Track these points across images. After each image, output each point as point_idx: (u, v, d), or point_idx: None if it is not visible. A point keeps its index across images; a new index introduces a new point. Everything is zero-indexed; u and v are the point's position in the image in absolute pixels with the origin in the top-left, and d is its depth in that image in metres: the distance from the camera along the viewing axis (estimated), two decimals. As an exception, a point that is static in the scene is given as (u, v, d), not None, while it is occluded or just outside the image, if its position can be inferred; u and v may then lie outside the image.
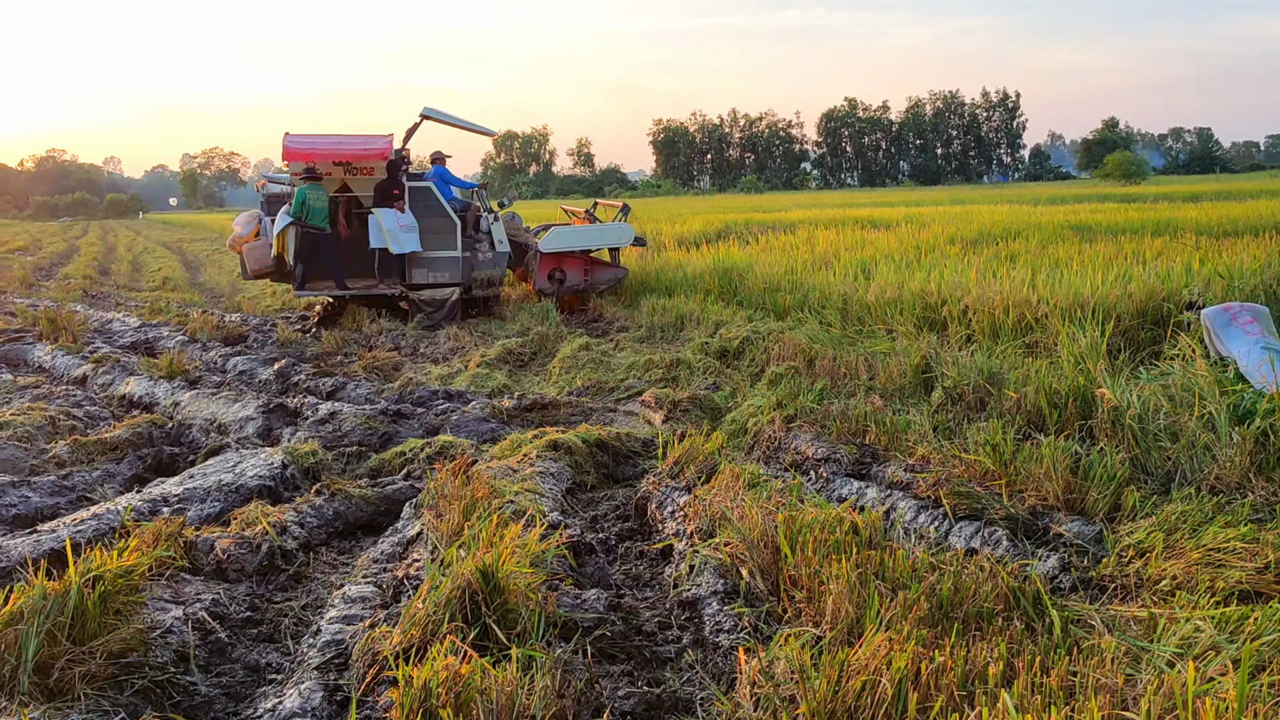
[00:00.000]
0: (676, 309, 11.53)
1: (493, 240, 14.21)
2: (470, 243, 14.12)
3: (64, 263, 30.48)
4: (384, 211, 13.24)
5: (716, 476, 5.24)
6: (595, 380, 9.21)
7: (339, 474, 6.72)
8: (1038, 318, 8.18)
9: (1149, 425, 5.85)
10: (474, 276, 14.07)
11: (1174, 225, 15.71)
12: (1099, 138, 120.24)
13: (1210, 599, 3.78)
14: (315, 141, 13.70)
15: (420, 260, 13.66)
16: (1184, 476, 5.53)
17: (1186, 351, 6.61)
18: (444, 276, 13.90)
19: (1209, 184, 48.42)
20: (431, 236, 13.69)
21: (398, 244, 13.15)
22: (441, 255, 13.81)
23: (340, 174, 14.59)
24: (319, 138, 13.83)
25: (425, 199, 13.75)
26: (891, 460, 6.06)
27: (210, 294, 19.85)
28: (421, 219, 13.58)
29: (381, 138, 13.58)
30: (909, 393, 7.55)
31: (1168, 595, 3.93)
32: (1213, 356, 7.39)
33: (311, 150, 13.50)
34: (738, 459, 6.92)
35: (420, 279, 13.79)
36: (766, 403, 7.21)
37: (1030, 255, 11.60)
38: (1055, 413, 6.42)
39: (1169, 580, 4.03)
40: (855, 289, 10.08)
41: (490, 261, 14.20)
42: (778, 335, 9.29)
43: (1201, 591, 3.86)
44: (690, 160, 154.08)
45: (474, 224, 14.28)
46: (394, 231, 13.15)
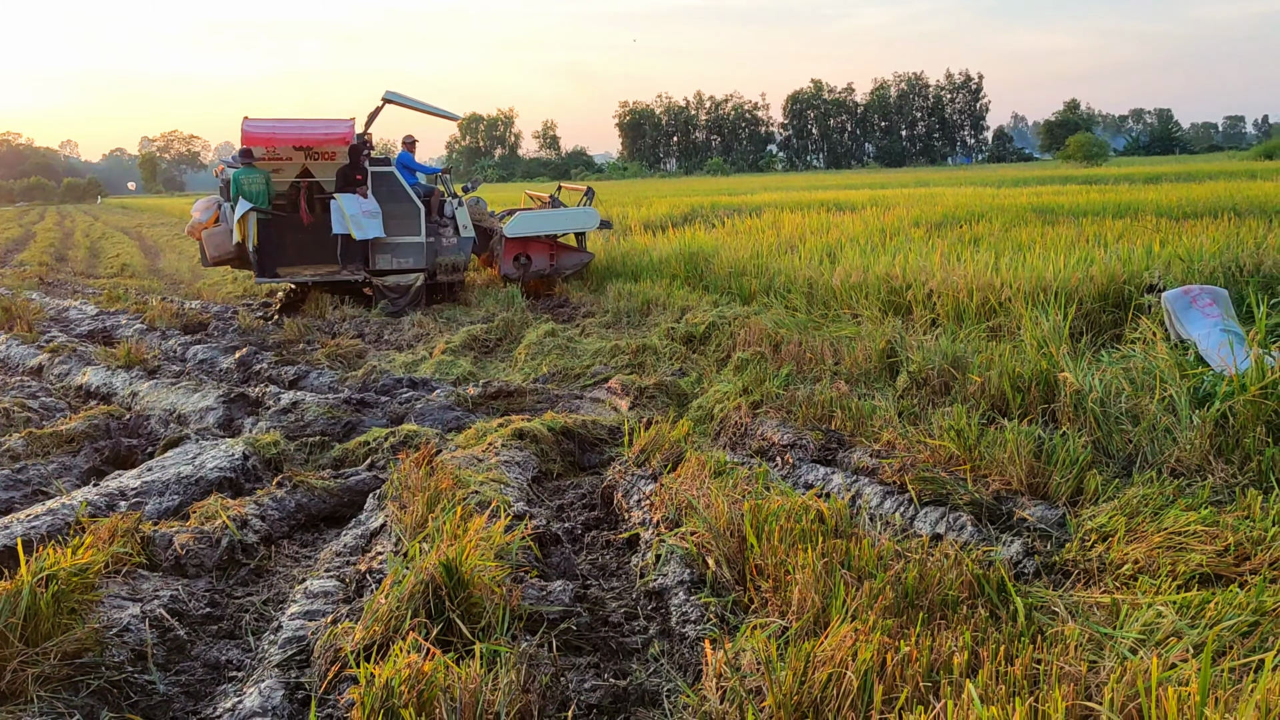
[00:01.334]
0: (643, 294, 11.49)
1: (457, 225, 14.07)
2: (434, 228, 13.97)
3: (19, 249, 29.92)
4: (346, 197, 13.07)
5: (683, 465, 5.22)
6: (561, 366, 9.17)
7: (302, 464, 6.65)
8: (1001, 301, 8.21)
9: (1110, 409, 5.90)
10: (438, 262, 13.94)
11: (1135, 207, 15.86)
12: (1061, 119, 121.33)
13: (1172, 583, 3.81)
14: (275, 126, 13.49)
15: (383, 246, 13.50)
16: (1145, 459, 5.58)
17: (1147, 335, 6.66)
18: (408, 262, 13.76)
19: (1169, 165, 48.99)
20: (395, 222, 13.54)
21: (360, 229, 12.99)
22: (405, 241, 13.67)
23: (301, 159, 14.38)
24: (279, 122, 13.62)
25: (388, 184, 13.59)
26: (857, 446, 6.07)
27: (170, 281, 19.56)
28: (385, 204, 13.43)
29: (343, 122, 13.39)
30: (875, 377, 7.56)
31: (1130, 580, 3.96)
32: (1173, 339, 7.46)
33: (271, 135, 13.30)
34: (704, 446, 6.90)
35: (384, 265, 13.63)
36: (732, 388, 7.20)
37: (994, 238, 11.66)
38: (1019, 397, 6.46)
39: (1131, 564, 4.06)
40: (820, 273, 10.09)
41: (455, 247, 14.06)
42: (744, 320, 9.28)
43: (1163, 575, 3.89)
44: (656, 143, 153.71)
45: (438, 209, 14.12)
46: (356, 217, 12.99)
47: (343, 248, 13.36)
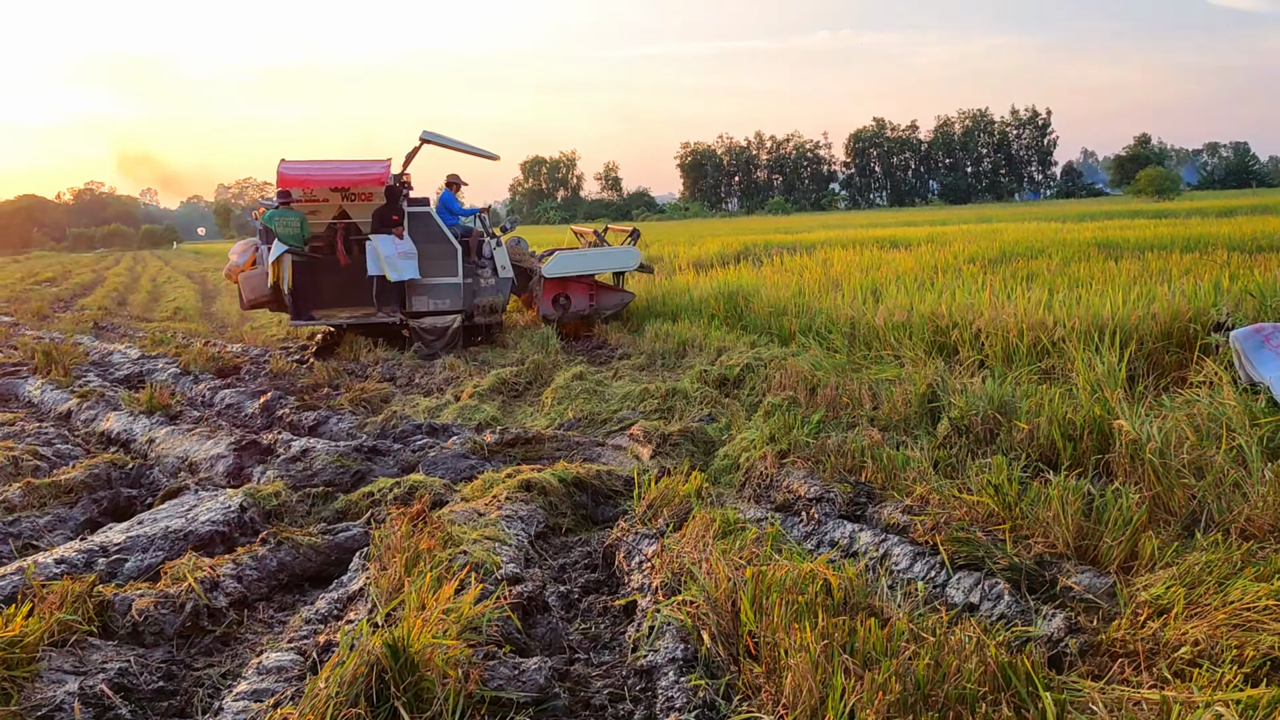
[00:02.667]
0: (679, 335, 11.07)
1: (495, 266, 13.83)
2: (472, 269, 13.75)
3: (86, 293, 30.53)
4: (381, 238, 12.91)
5: (688, 523, 4.77)
6: (588, 411, 8.77)
7: (303, 516, 6.33)
8: (1054, 341, 7.65)
9: (1171, 460, 5.31)
10: (476, 303, 13.69)
11: (1205, 241, 15.08)
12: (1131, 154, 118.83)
13: (1237, 672, 3.25)
14: (311, 168, 13.41)
15: (420, 287, 13.30)
16: (1211, 518, 4.99)
17: (1213, 377, 6.06)
18: (445, 304, 13.52)
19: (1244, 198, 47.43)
20: (432, 263, 13.34)
21: (395, 271, 12.80)
22: (442, 282, 13.45)
23: (338, 200, 14.29)
24: (315, 164, 13.55)
25: (425, 224, 13.41)
26: (888, 500, 5.56)
27: (219, 324, 19.63)
28: (421, 245, 13.24)
29: (378, 163, 13.27)
30: (914, 423, 7.04)
31: (1188, 665, 3.41)
32: (1243, 382, 6.83)
33: (307, 176, 13.22)
34: (729, 498, 6.45)
35: (420, 306, 13.42)
36: (759, 436, 6.73)
37: (1050, 274, 11.04)
38: (1070, 446, 5.90)
39: (1189, 647, 3.51)
40: (863, 312, 9.58)
41: (493, 288, 13.81)
42: (780, 362, 8.81)
43: (1227, 662, 3.34)
44: (718, 183, 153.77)
45: (476, 249, 13.91)
46: (391, 258, 12.81)
47: (378, 289, 13.17)
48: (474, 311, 13.70)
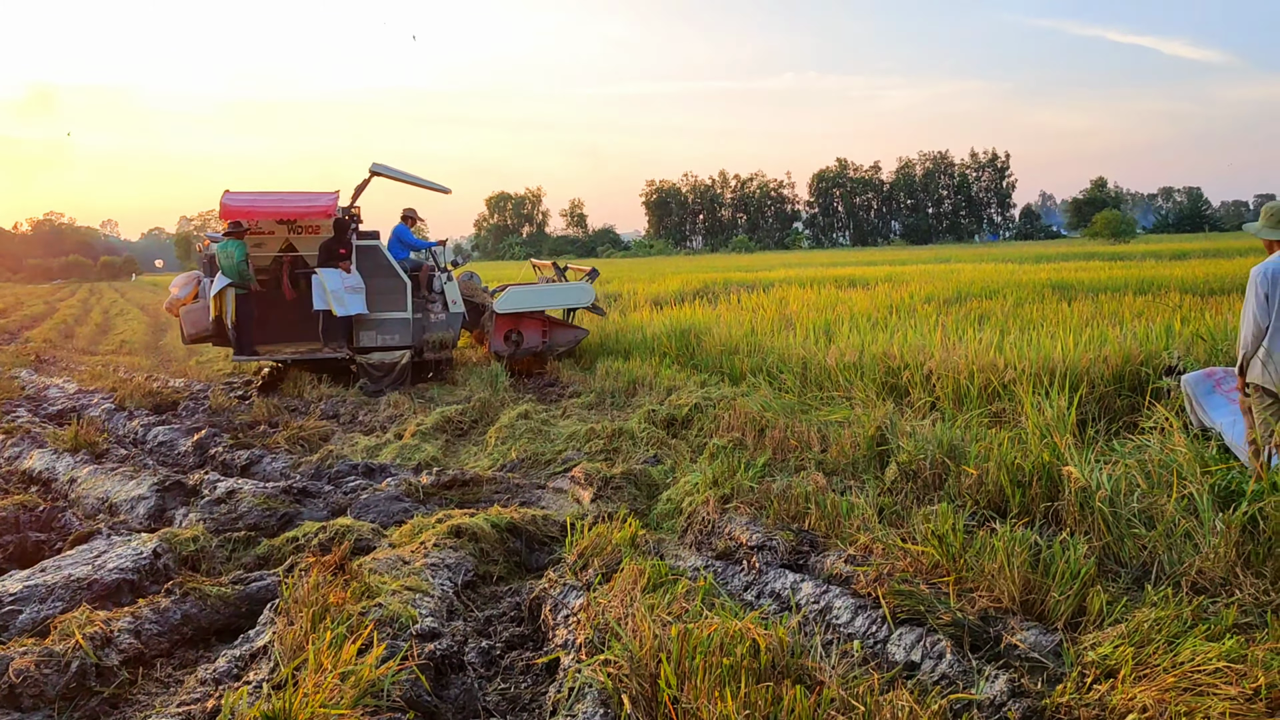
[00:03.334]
0: (630, 373, 10.84)
1: (446, 300, 13.55)
2: (422, 303, 13.46)
3: (34, 325, 29.83)
4: (328, 272, 12.60)
5: (617, 574, 4.52)
6: (532, 452, 8.51)
7: (223, 563, 6.01)
8: (1004, 384, 7.50)
9: (1121, 509, 5.15)
10: (425, 339, 13.38)
11: (1158, 283, 15.12)
12: (1088, 197, 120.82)
13: (1186, 743, 3.05)
14: (255, 199, 13.08)
15: (368, 322, 12.99)
16: (1162, 570, 4.82)
17: (1163, 423, 5.92)
18: (393, 339, 13.20)
19: (1197, 242, 48.21)
20: (381, 297, 13.05)
21: (342, 305, 12.49)
22: (391, 317, 13.15)
23: (284, 232, 13.97)
24: (260, 195, 13.23)
25: (374, 258, 13.11)
26: (832, 549, 5.34)
27: (165, 358, 19.15)
28: (370, 279, 12.95)
29: (326, 195, 12.98)
30: (863, 467, 6.84)
31: (1135, 734, 3.21)
32: (1195, 427, 6.71)
33: (252, 207, 12.88)
34: (669, 544, 6.21)
35: (368, 342, 13.09)
36: (702, 480, 6.50)
37: (1003, 315, 10.95)
38: (1018, 493, 5.72)
39: (1137, 714, 3.30)
40: (814, 352, 9.41)
41: (443, 323, 13.52)
42: (729, 402, 8.60)
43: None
44: (683, 220, 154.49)
45: (427, 284, 13.64)
46: (338, 292, 12.50)
47: (325, 324, 12.85)
48: (423, 347, 13.39)
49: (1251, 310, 5.43)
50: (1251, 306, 5.44)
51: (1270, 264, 5.49)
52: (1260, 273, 5.45)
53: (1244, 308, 5.52)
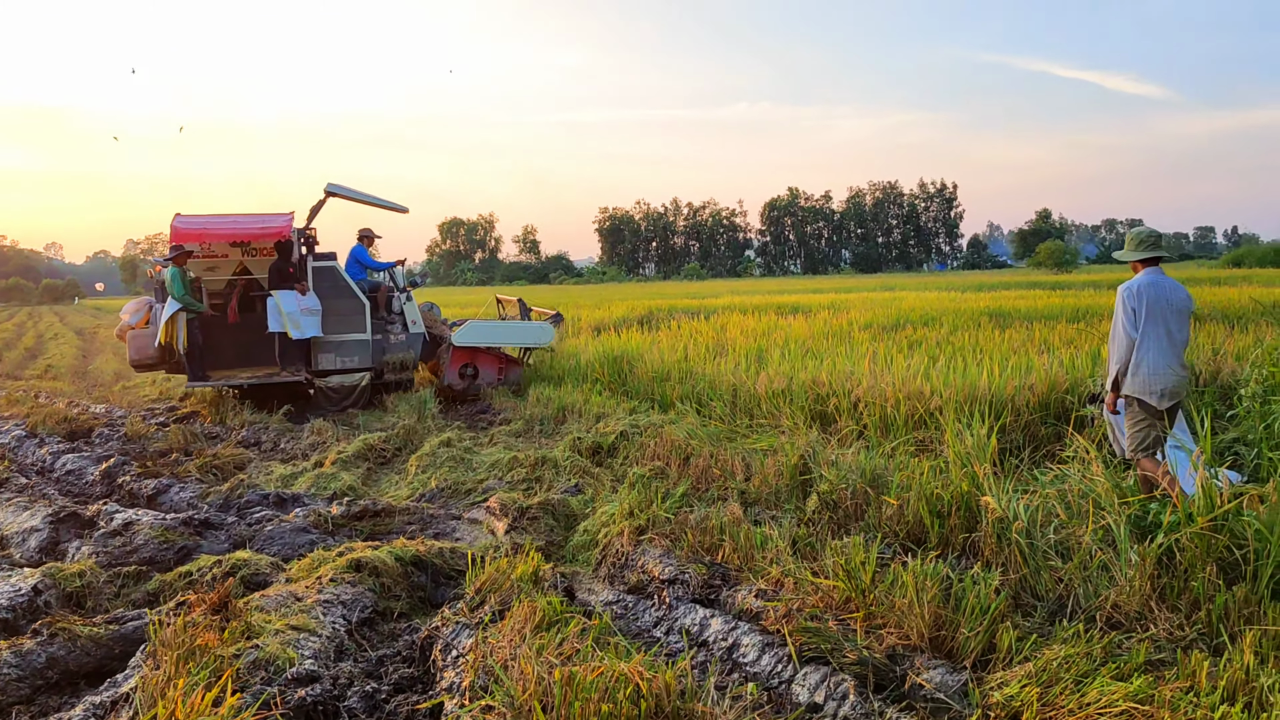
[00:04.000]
0: (560, 400, 10.61)
1: (405, 321, 13.36)
2: (381, 324, 13.23)
3: (-40, 349, 28.93)
4: (284, 294, 12.30)
5: (509, 612, 4.29)
6: (452, 481, 8.25)
7: (110, 599, 5.68)
8: (930, 411, 7.39)
9: (1038, 540, 5.02)
10: (385, 360, 13.14)
11: (1092, 311, 15.22)
12: (1033, 228, 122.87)
13: (1085, 792, 2.89)
14: (208, 222, 12.74)
15: (326, 345, 12.69)
16: (1078, 603, 4.69)
17: (1083, 452, 5.82)
18: (353, 361, 12.91)
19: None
20: (339, 319, 12.77)
21: (297, 328, 12.19)
22: (350, 339, 12.85)
23: (238, 255, 13.64)
24: (212, 218, 12.90)
25: (331, 279, 12.84)
26: (744, 583, 5.15)
27: (91, 383, 18.59)
28: (327, 300, 12.67)
29: (280, 216, 12.70)
30: (785, 497, 6.67)
31: (1034, 782, 3.04)
32: (1118, 456, 6.64)
33: (204, 230, 12.52)
34: (583, 577, 6.00)
35: (327, 365, 12.78)
36: (618, 510, 6.29)
37: (934, 343, 10.90)
38: (937, 523, 5.58)
39: (1037, 760, 3.14)
40: (744, 379, 9.25)
41: (403, 344, 13.29)
42: (656, 430, 8.41)
43: (1075, 779, 2.97)
44: (636, 248, 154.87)
45: (385, 304, 13.42)
46: (294, 315, 12.20)
47: (281, 347, 12.55)
48: (383, 369, 13.14)
49: (1122, 325, 5.97)
50: (1122, 322, 5.98)
51: (1136, 282, 6.02)
52: (1127, 290, 6.01)
53: (1114, 326, 6.08)
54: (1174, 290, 6.01)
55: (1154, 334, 5.91)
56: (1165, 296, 5.95)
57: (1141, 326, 5.91)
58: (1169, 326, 5.92)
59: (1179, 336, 5.98)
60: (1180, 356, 6.01)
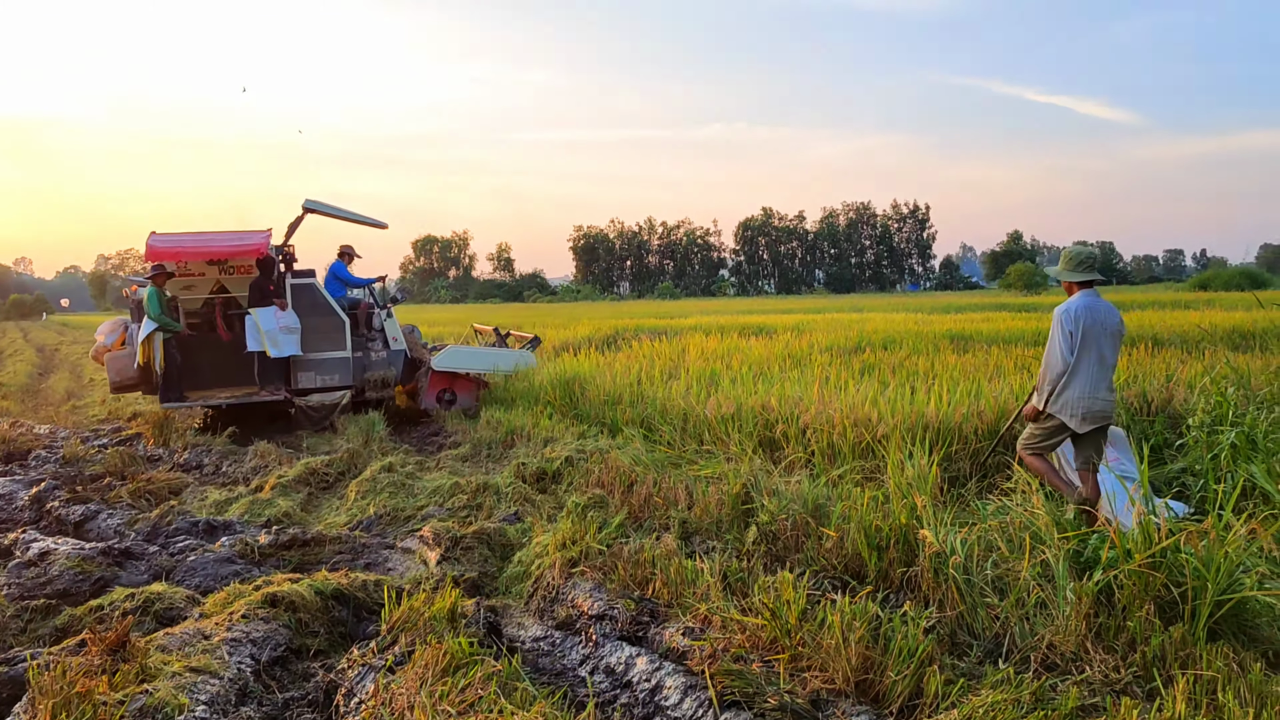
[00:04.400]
0: (509, 423, 10.40)
1: (386, 338, 13.18)
2: (362, 341, 13.04)
3: (-86, 366, 28.34)
4: (262, 312, 12.09)
5: (414, 656, 4.08)
6: (391, 507, 8.02)
7: (16, 635, 5.42)
8: (878, 438, 7.24)
9: (975, 576, 4.86)
10: (367, 378, 12.93)
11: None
12: (1005, 249, 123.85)
13: None
14: (183, 240, 12.50)
15: (306, 363, 12.46)
16: (1014, 642, 4.53)
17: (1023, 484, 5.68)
18: (333, 379, 12.69)
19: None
20: (318, 336, 12.56)
21: (276, 347, 11.98)
22: (330, 356, 12.64)
23: (215, 274, 13.40)
24: (187, 236, 12.67)
25: (310, 296, 12.64)
26: (673, 619, 4.96)
27: (41, 401, 18.19)
28: (307, 318, 12.46)
29: (258, 233, 12.48)
30: (726, 527, 6.49)
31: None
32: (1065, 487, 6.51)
33: (179, 248, 12.27)
34: (514, 612, 5.80)
35: (307, 383, 12.55)
36: (552, 541, 6.09)
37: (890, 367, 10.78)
38: (875, 557, 5.41)
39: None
40: (694, 404, 9.08)
41: (384, 361, 13.10)
42: (603, 455, 8.22)
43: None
44: (610, 266, 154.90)
45: (366, 321, 13.23)
46: (272, 333, 11.99)
47: (260, 366, 12.32)
48: (365, 386, 12.92)
49: (1059, 349, 5.97)
50: (1059, 345, 5.98)
51: (1072, 305, 6.02)
52: (1065, 313, 6.02)
53: (1049, 348, 6.08)
54: (1109, 314, 6.04)
55: (1087, 359, 5.94)
56: (1100, 320, 5.97)
57: (1076, 350, 5.94)
58: (1102, 351, 5.94)
59: (1110, 360, 6.00)
60: (1110, 381, 6.05)
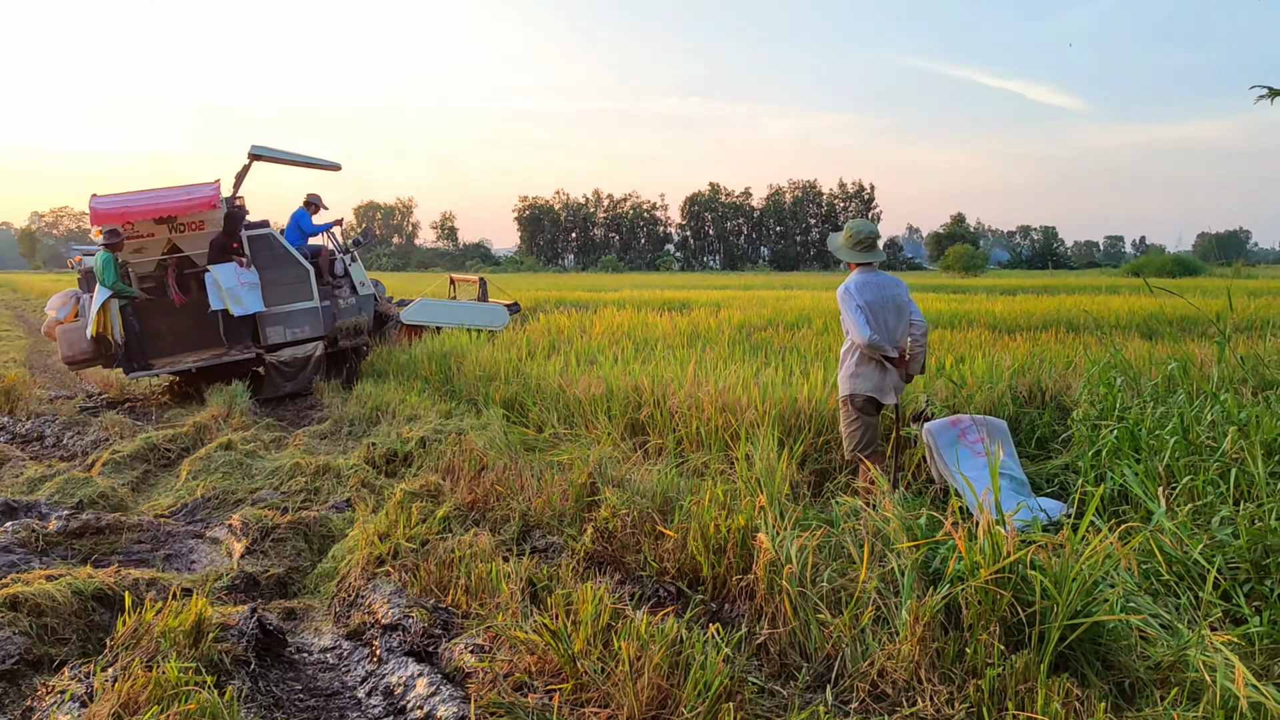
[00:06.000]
0: (378, 398, 9.68)
1: (353, 283, 12.45)
2: (329, 290, 12.28)
3: None
4: (222, 268, 11.31)
5: (116, 687, 3.40)
6: (222, 490, 7.29)
7: None
8: (745, 425, 6.64)
9: (810, 589, 4.28)
10: (338, 326, 12.20)
11: (970, 318, 14.75)
12: (948, 232, 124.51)
13: None
14: (128, 200, 11.56)
15: (274, 317, 11.71)
16: (845, 666, 3.97)
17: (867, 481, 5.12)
18: (304, 331, 11.97)
19: (1039, 278, 49.58)
20: (284, 288, 11.81)
21: (239, 304, 11.20)
22: (298, 308, 11.90)
23: (165, 233, 12.46)
24: (132, 195, 11.73)
25: (270, 248, 11.86)
26: (468, 632, 4.33)
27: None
28: (268, 271, 11.69)
29: (206, 185, 11.62)
30: (569, 520, 5.87)
31: None
32: (938, 482, 5.99)
33: (125, 209, 11.32)
34: (316, 614, 5.14)
35: (276, 338, 11.81)
36: (362, 536, 5.43)
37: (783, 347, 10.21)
38: (714, 562, 4.82)
39: None
40: (568, 382, 8.42)
41: (354, 307, 12.44)
42: (459, 437, 7.56)
43: None
44: (555, 238, 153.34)
45: (329, 268, 12.45)
46: (234, 290, 11.20)
47: (225, 325, 11.62)
48: (337, 336, 12.24)
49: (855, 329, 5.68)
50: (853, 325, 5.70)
51: (853, 281, 5.81)
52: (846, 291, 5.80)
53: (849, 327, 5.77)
54: (894, 285, 5.91)
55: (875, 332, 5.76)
56: (883, 294, 5.82)
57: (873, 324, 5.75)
58: (887, 324, 5.79)
59: (896, 332, 5.85)
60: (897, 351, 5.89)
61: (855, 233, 5.92)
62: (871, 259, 5.92)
